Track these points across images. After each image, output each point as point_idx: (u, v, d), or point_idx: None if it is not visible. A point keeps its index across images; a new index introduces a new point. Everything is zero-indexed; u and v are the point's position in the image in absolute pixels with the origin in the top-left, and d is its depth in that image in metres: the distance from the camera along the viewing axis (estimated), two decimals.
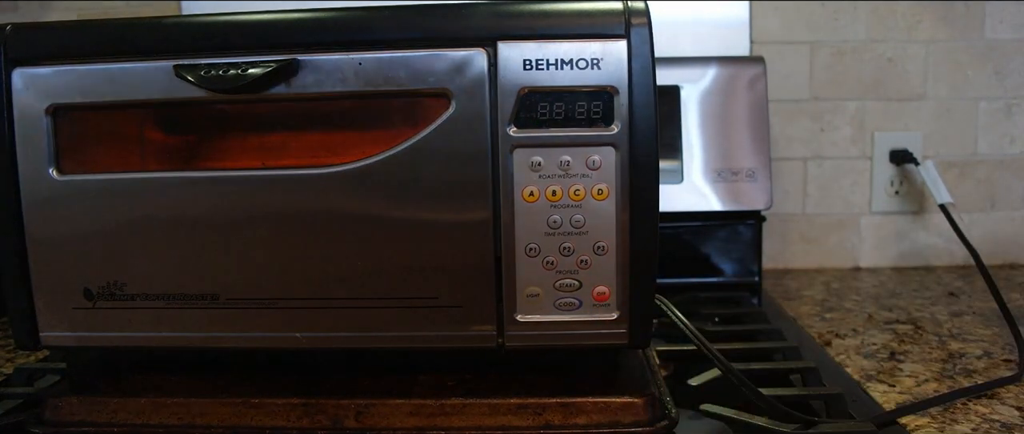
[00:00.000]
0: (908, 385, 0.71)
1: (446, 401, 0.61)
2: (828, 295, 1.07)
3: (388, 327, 0.62)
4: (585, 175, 0.59)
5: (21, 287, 0.63)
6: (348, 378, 0.65)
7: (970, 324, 0.90)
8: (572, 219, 0.60)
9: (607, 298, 0.60)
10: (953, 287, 1.09)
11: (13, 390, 0.71)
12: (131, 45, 0.61)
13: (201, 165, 0.62)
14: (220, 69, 0.59)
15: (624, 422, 0.60)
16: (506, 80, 0.58)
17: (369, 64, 0.59)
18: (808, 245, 1.23)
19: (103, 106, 0.61)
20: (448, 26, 0.59)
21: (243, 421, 0.61)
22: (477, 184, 0.59)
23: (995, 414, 0.64)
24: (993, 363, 0.77)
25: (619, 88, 0.58)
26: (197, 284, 0.62)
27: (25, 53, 0.61)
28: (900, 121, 1.19)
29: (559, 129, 0.59)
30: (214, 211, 0.61)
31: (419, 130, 0.59)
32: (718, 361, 0.63)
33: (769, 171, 1.02)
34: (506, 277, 0.60)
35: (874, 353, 0.81)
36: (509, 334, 0.61)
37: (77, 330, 0.64)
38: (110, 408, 0.62)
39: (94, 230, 0.62)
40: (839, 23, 1.18)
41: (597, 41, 0.58)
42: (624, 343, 0.61)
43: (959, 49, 1.18)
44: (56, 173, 0.61)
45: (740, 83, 1.02)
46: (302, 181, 0.60)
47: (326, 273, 0.61)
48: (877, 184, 1.21)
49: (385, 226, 0.60)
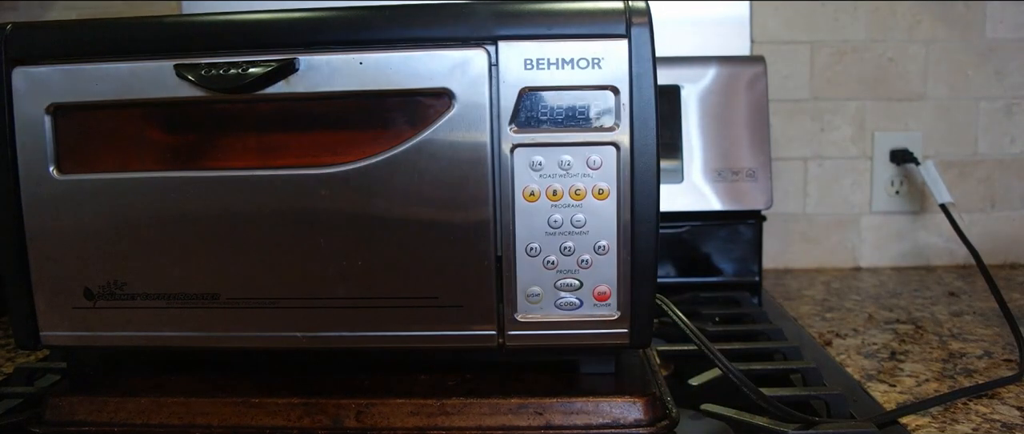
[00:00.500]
0: (909, 385, 0.71)
1: (447, 401, 0.61)
2: (828, 295, 1.07)
3: (389, 327, 0.62)
4: (586, 175, 0.59)
5: (21, 287, 0.63)
6: (349, 378, 0.65)
7: (971, 324, 0.90)
8: (573, 219, 0.59)
9: (608, 298, 0.60)
10: (953, 287, 1.09)
11: (13, 389, 0.71)
12: (131, 44, 0.61)
13: (201, 165, 0.62)
14: (221, 68, 0.59)
15: (625, 422, 0.60)
16: (507, 80, 0.58)
17: (369, 63, 0.59)
18: (808, 245, 1.23)
19: (103, 105, 0.61)
20: (449, 26, 0.59)
21: (243, 421, 0.61)
22: (477, 184, 0.59)
23: (996, 414, 0.64)
24: (994, 363, 0.77)
25: (620, 88, 0.58)
26: (197, 284, 0.62)
27: (26, 52, 0.61)
28: (900, 121, 1.19)
29: (560, 129, 0.59)
30: (215, 211, 0.61)
31: (419, 130, 0.59)
32: (719, 361, 0.63)
33: (769, 171, 1.02)
34: (507, 277, 0.60)
35: (875, 353, 0.81)
36: (510, 334, 0.61)
37: (77, 330, 0.64)
38: (110, 408, 0.62)
39: (94, 230, 0.62)
40: (839, 23, 1.18)
41: (598, 41, 0.58)
42: (625, 343, 0.61)
43: (959, 49, 1.18)
44: (56, 172, 0.61)
45: (740, 83, 1.02)
46: (302, 181, 0.60)
47: (327, 273, 0.61)
48: (877, 184, 1.20)
49: (385, 226, 0.60)
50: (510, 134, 0.59)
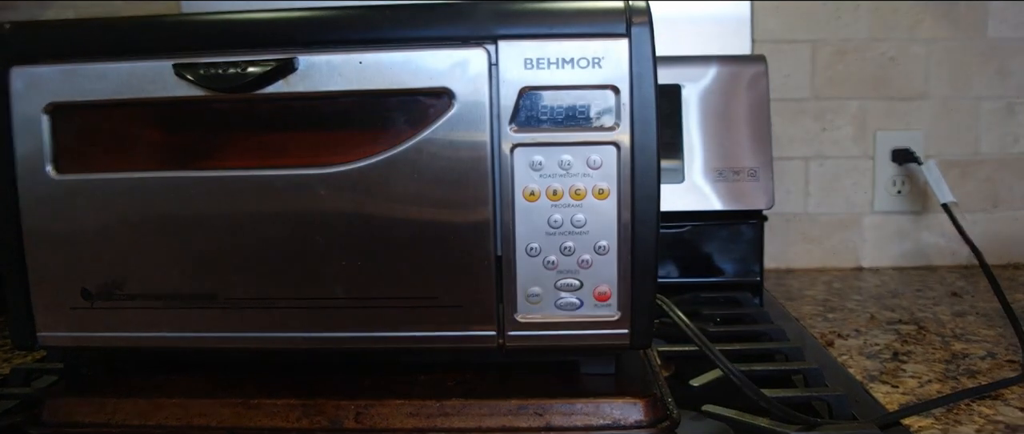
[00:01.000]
0: (911, 386, 0.71)
1: (446, 402, 0.60)
2: (830, 295, 1.06)
3: (388, 327, 0.61)
4: (586, 175, 0.59)
5: (18, 287, 0.63)
6: (348, 378, 0.64)
7: (973, 324, 0.90)
8: (573, 219, 0.59)
9: (608, 298, 0.60)
10: (956, 287, 1.08)
11: (10, 391, 0.70)
12: (130, 44, 0.61)
13: (200, 164, 0.62)
14: (220, 68, 0.58)
15: (625, 423, 0.59)
16: (507, 79, 0.58)
17: (369, 63, 0.58)
18: (810, 245, 1.23)
19: (102, 105, 0.61)
20: (449, 25, 0.59)
21: (242, 422, 0.61)
22: (477, 183, 0.59)
23: (999, 415, 0.63)
24: (997, 364, 0.76)
25: (620, 87, 0.58)
26: (196, 284, 0.62)
27: (24, 51, 0.61)
28: (902, 120, 1.19)
29: (560, 128, 0.58)
30: (213, 211, 0.61)
31: (419, 129, 0.59)
32: (720, 362, 0.63)
33: (771, 170, 1.01)
34: (507, 277, 0.60)
35: (877, 353, 0.80)
36: (510, 334, 0.61)
37: (75, 330, 0.63)
38: (108, 408, 0.62)
39: (92, 230, 0.62)
40: (841, 22, 1.17)
41: (598, 40, 0.58)
42: (625, 343, 0.61)
43: (961, 48, 1.18)
44: (54, 172, 0.61)
45: (741, 82, 1.02)
46: (301, 181, 0.60)
47: (326, 273, 0.61)
48: (879, 183, 1.20)
49: (385, 226, 0.60)
50: (510, 134, 0.58)
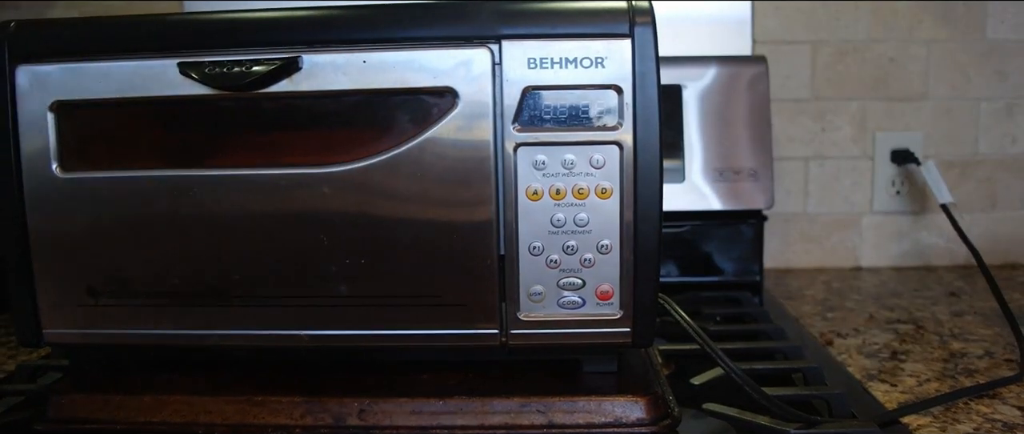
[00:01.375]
0: (910, 384, 0.71)
1: (449, 400, 0.61)
2: (829, 294, 1.07)
3: (391, 325, 0.62)
4: (589, 174, 0.59)
5: (24, 284, 0.63)
6: (351, 376, 0.65)
7: (971, 324, 0.90)
8: (576, 218, 0.60)
9: (610, 297, 0.61)
10: (954, 287, 1.09)
11: (16, 387, 0.71)
12: (135, 42, 0.61)
13: (205, 163, 0.62)
14: (224, 66, 0.59)
15: (627, 421, 0.60)
16: (510, 79, 0.58)
17: (373, 62, 0.59)
18: (809, 244, 1.23)
19: (107, 103, 0.61)
20: (452, 24, 0.59)
21: (246, 419, 0.61)
22: (481, 183, 0.59)
23: (997, 414, 0.64)
24: (994, 363, 0.77)
25: (623, 87, 0.58)
26: (200, 282, 0.62)
27: (29, 50, 0.61)
28: (901, 121, 1.19)
29: (563, 128, 0.59)
30: (218, 209, 0.61)
31: (423, 129, 0.59)
32: (721, 360, 0.63)
33: (771, 171, 1.02)
34: (509, 276, 0.60)
35: (876, 353, 0.81)
36: (512, 333, 0.61)
37: (80, 327, 0.64)
38: (113, 405, 0.62)
39: (97, 228, 0.62)
40: (841, 23, 1.18)
41: (601, 40, 0.58)
42: (627, 342, 0.61)
43: (960, 49, 1.18)
44: (59, 170, 0.61)
45: (742, 82, 1.02)
46: (306, 180, 0.60)
47: (330, 272, 0.61)
48: (878, 184, 1.21)
49: (389, 225, 0.60)
50: (513, 133, 0.59)
